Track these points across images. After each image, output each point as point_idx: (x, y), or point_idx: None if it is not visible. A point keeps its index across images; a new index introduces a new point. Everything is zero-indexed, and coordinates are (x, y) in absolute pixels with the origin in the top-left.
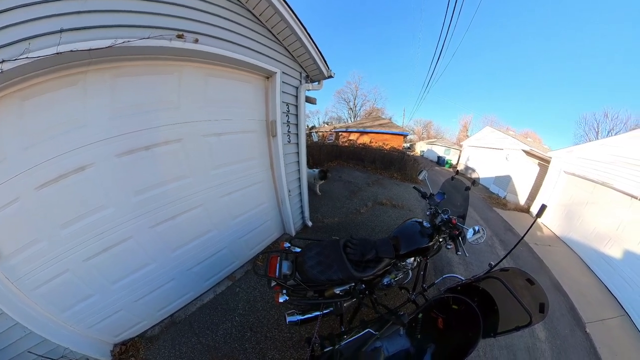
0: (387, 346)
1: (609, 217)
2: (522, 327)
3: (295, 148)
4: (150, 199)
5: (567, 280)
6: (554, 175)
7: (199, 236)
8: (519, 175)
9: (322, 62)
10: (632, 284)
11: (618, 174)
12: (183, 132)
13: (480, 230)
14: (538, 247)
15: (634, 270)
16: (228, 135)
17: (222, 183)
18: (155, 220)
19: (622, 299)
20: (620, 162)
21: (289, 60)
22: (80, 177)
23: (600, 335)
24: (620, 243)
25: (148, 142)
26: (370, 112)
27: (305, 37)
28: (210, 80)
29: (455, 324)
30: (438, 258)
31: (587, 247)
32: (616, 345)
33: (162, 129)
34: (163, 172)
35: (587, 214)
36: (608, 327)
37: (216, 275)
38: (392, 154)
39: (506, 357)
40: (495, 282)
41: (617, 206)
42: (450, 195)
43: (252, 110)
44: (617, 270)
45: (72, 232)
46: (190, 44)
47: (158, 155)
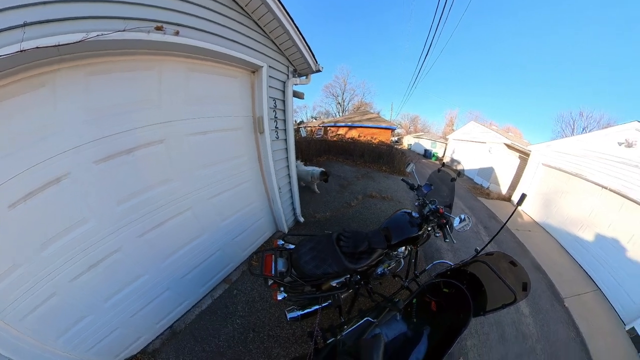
0: (386, 332)
1: (582, 204)
2: (508, 305)
3: (283, 144)
4: (135, 207)
5: (546, 261)
6: (533, 167)
7: (190, 241)
8: (501, 167)
9: (310, 56)
10: (603, 263)
11: (590, 166)
12: (166, 132)
13: (466, 218)
14: (519, 232)
15: (604, 250)
16: (213, 133)
17: (210, 184)
18: (143, 228)
19: (595, 276)
20: (592, 156)
21: (276, 53)
22: (55, 189)
23: (577, 308)
24: (591, 227)
25: (128, 145)
26: (359, 106)
27: (293, 29)
28: (192, 76)
29: (447, 306)
30: (428, 246)
31: (563, 231)
32: (591, 317)
33: (143, 130)
34: (147, 177)
35: (562, 202)
36: (583, 301)
37: (212, 280)
38: (380, 148)
39: (496, 332)
40: (481, 266)
41: (588, 195)
42: (437, 187)
43: (238, 106)
44: (589, 251)
45: (53, 252)
46: (170, 37)
47: (140, 159)
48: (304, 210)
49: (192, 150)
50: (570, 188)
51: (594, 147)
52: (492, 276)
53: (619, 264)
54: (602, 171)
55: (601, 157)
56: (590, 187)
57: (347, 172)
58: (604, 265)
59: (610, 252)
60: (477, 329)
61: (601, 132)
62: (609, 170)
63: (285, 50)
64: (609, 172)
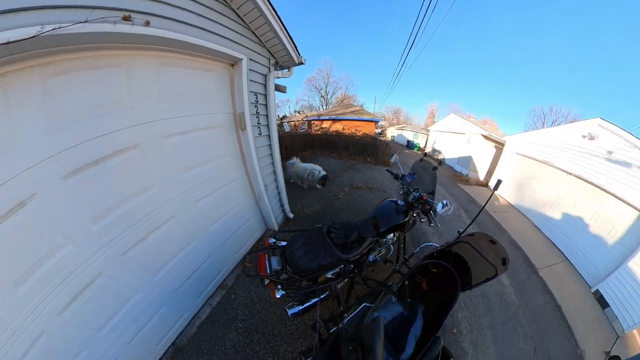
0: (383, 314)
1: (551, 188)
2: (491, 279)
3: (267, 140)
4: (114, 223)
5: (521, 238)
6: (507, 155)
7: (178, 251)
8: (478, 156)
9: (292, 48)
10: (569, 237)
11: (558, 155)
12: (140, 135)
13: (448, 203)
14: (497, 214)
15: (569, 226)
16: (192, 133)
17: (193, 188)
18: (125, 245)
19: (563, 249)
20: (559, 147)
21: (257, 45)
22: (21, 216)
23: (550, 276)
24: (559, 208)
25: (99, 154)
26: (342, 99)
27: (274, 19)
28: (165, 71)
29: (437, 285)
30: (414, 231)
31: (535, 212)
32: (562, 283)
33: (115, 136)
34: (123, 188)
35: (534, 186)
36: (554, 270)
37: (207, 288)
38: (364, 140)
39: (482, 303)
40: (464, 246)
41: (556, 180)
42: (420, 175)
43: (217, 102)
44: (558, 228)
45: (30, 288)
46: (139, 28)
47: (113, 168)
48: (292, 206)
49: (171, 153)
50: (541, 174)
51: (561, 138)
52: (474, 254)
53: (584, 237)
54: (568, 159)
55: (567, 147)
56: (558, 173)
57: (332, 165)
58: (571, 239)
59: (576, 228)
60: (466, 302)
61: (568, 125)
62: (573, 158)
63: (266, 42)
64: (573, 161)
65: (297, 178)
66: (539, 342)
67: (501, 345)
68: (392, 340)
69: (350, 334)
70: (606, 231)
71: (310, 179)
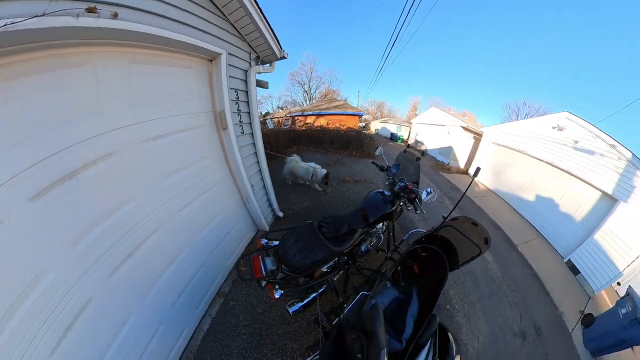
0: (381, 300)
1: (525, 174)
2: (475, 257)
3: (250, 139)
4: (95, 243)
5: (500, 219)
6: (485, 145)
7: (168, 265)
8: (458, 146)
9: (274, 42)
10: (542, 215)
11: (530, 144)
12: (114, 142)
13: (432, 191)
14: (477, 198)
15: (542, 206)
16: (171, 135)
17: (177, 194)
18: (111, 266)
19: (537, 226)
20: (532, 137)
21: (236, 39)
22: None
23: (528, 251)
24: (533, 191)
25: (69, 167)
26: (326, 94)
27: (255, 11)
28: (137, 70)
29: (427, 267)
30: (402, 219)
31: (511, 195)
32: (539, 256)
33: (86, 145)
34: (100, 202)
35: (510, 172)
36: (531, 245)
37: (204, 298)
38: (349, 134)
39: (470, 280)
40: (449, 229)
41: (530, 166)
42: (404, 166)
43: (196, 101)
44: (532, 208)
45: (14, 328)
46: (106, 21)
47: (87, 182)
48: (281, 204)
49: (150, 158)
50: (516, 161)
51: (534, 129)
52: (459, 236)
53: (555, 216)
54: (540, 148)
55: (539, 137)
56: (531, 160)
57: (318, 160)
58: (544, 217)
59: (548, 208)
60: (455, 280)
61: (539, 118)
62: (545, 147)
63: (246, 36)
64: (545, 149)
65: (296, 178)
66: (524, 309)
67: (490, 315)
68: (392, 323)
69: (352, 323)
70: (574, 209)
71: (311, 179)
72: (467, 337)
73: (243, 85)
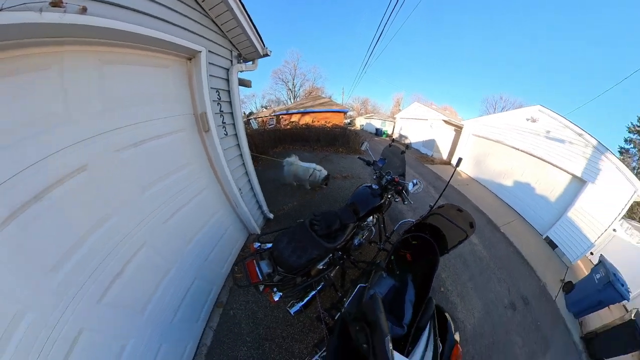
0: (379, 290)
1: (503, 162)
2: (463, 241)
3: (234, 140)
4: (79, 266)
5: (483, 204)
6: (465, 137)
7: (160, 281)
8: (440, 138)
9: (257, 38)
10: (521, 198)
11: (507, 135)
12: (86, 154)
13: (418, 182)
14: (460, 187)
15: (520, 190)
16: (150, 141)
17: (161, 205)
18: (100, 290)
19: (516, 208)
20: (508, 128)
21: (217, 36)
22: None
23: (510, 230)
24: (511, 177)
25: (37, 187)
26: (310, 91)
27: (237, 6)
28: (110, 71)
29: (419, 254)
30: (391, 210)
31: (491, 182)
32: (520, 235)
33: (54, 159)
34: (76, 223)
35: (489, 161)
36: (512, 226)
37: (203, 311)
38: (335, 131)
39: (460, 262)
40: (437, 217)
41: (507, 155)
42: (390, 160)
43: (175, 103)
44: (511, 193)
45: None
46: (74, 16)
47: (60, 201)
48: (270, 205)
49: (128, 168)
50: (494, 151)
51: (510, 121)
52: (446, 223)
53: (532, 198)
54: (516, 138)
55: (515, 128)
56: (508, 149)
57: (305, 158)
58: (522, 200)
59: (525, 192)
60: (446, 263)
61: (515, 111)
62: (520, 137)
63: (228, 32)
64: (520, 139)
65: (295, 179)
66: (511, 284)
67: (482, 292)
68: (392, 310)
69: (354, 315)
70: (549, 192)
71: (312, 180)
72: (463, 314)
73: (225, 85)
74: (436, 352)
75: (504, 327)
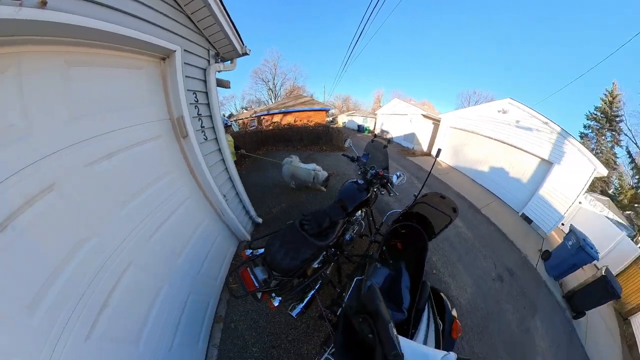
0: (375, 280)
1: (479, 151)
2: (448, 225)
3: (215, 145)
4: (56, 305)
5: (463, 190)
6: (443, 129)
7: (152, 303)
8: (420, 132)
9: (235, 36)
10: (497, 182)
11: (482, 126)
12: (52, 171)
13: (402, 174)
14: (441, 175)
15: (496, 175)
16: (124, 152)
17: (142, 220)
18: (86, 325)
19: (494, 191)
20: (482, 120)
21: (193, 33)
22: None
23: (490, 212)
24: (487, 163)
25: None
26: (292, 90)
27: (215, 2)
28: (77, 74)
29: (409, 242)
30: (378, 203)
31: (470, 169)
32: (499, 214)
33: (13, 182)
34: (50, 252)
35: (466, 150)
36: (491, 207)
37: (203, 330)
38: (317, 129)
39: (447, 244)
40: (422, 205)
41: (482, 144)
42: (373, 154)
43: (149, 107)
44: (488, 177)
45: None
46: (32, 11)
47: (27, 230)
48: (258, 209)
49: (102, 184)
50: (470, 141)
51: (483, 113)
52: (431, 210)
53: (507, 181)
54: (489, 128)
55: (488, 120)
56: (483, 139)
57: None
58: (498, 184)
59: (501, 175)
60: (435, 247)
61: (488, 104)
62: (493, 127)
63: (205, 30)
64: (493, 129)
65: (294, 180)
66: (496, 259)
67: (470, 269)
68: (390, 298)
69: (355, 308)
70: (521, 174)
71: (314, 182)
72: (456, 292)
73: (202, 86)
74: (437, 330)
75: (495, 298)
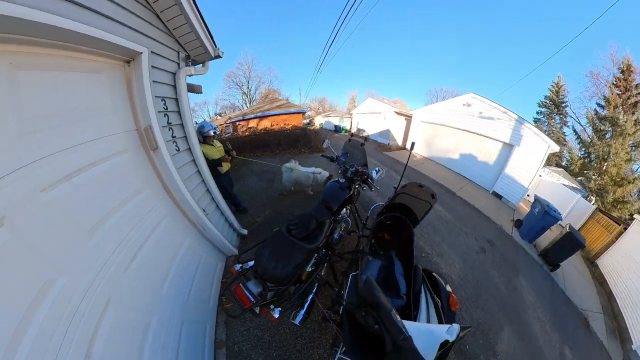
0: (370, 273)
1: (449, 141)
2: (428, 211)
3: (188, 155)
4: (34, 353)
5: (439, 177)
6: (415, 124)
7: (141, 343)
8: (394, 128)
9: (207, 38)
10: (467, 166)
11: (450, 118)
12: (1, 202)
13: (380, 169)
14: (417, 166)
15: (466, 160)
16: (85, 171)
17: (115, 249)
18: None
19: (466, 175)
20: (450, 113)
21: (162, 34)
22: None
23: (464, 193)
24: (457, 152)
25: None
26: (267, 94)
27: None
28: (26, 79)
29: (395, 232)
30: (361, 199)
31: (442, 158)
32: (473, 194)
33: None
34: (11, 301)
35: (438, 141)
36: (465, 189)
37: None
38: (295, 132)
39: (430, 228)
40: (402, 196)
41: (452, 135)
42: (352, 153)
43: (113, 117)
44: (459, 164)
45: None
46: None
47: None
48: (241, 220)
49: (63, 211)
50: (441, 133)
51: (450, 107)
52: (411, 199)
53: (476, 165)
54: (457, 120)
55: (455, 113)
56: (452, 130)
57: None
58: (469, 168)
59: (471, 161)
60: (421, 232)
61: (454, 99)
62: (460, 119)
63: (174, 30)
64: (460, 120)
65: (297, 185)
66: (476, 234)
67: (455, 247)
68: (387, 287)
69: (356, 304)
70: (488, 157)
71: (314, 184)
72: (446, 269)
73: (172, 92)
74: (437, 307)
75: (481, 268)
